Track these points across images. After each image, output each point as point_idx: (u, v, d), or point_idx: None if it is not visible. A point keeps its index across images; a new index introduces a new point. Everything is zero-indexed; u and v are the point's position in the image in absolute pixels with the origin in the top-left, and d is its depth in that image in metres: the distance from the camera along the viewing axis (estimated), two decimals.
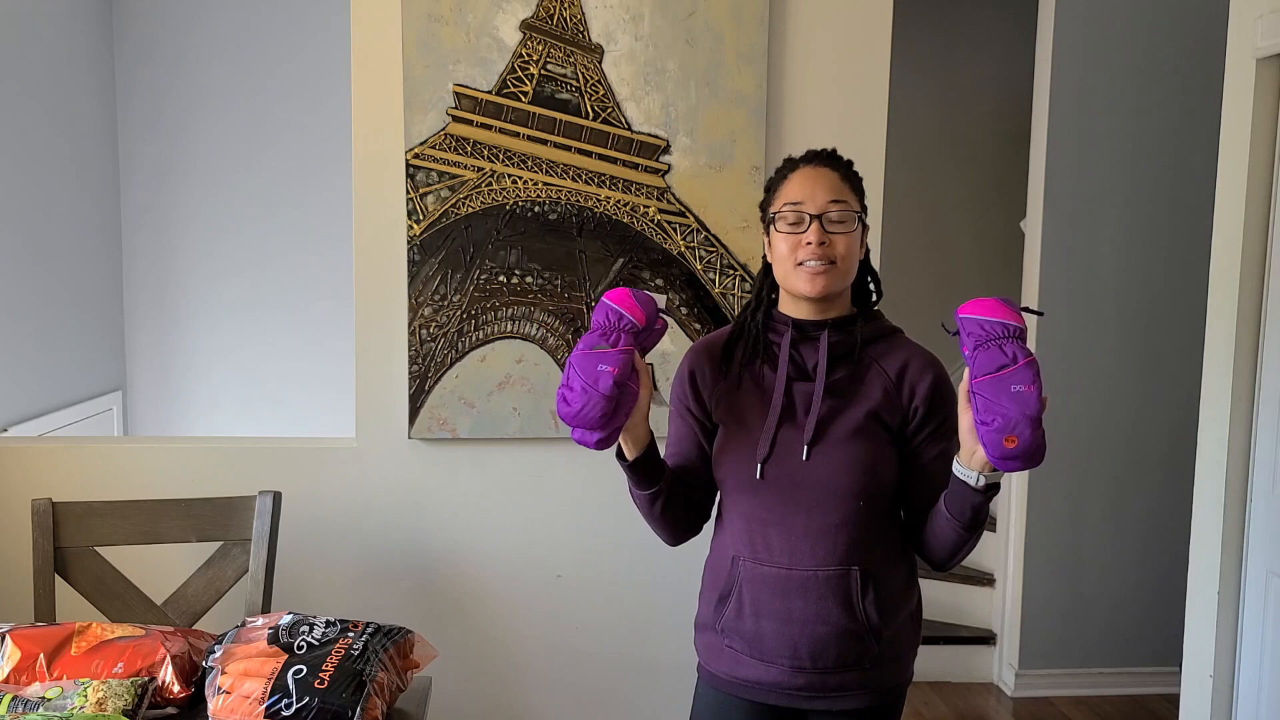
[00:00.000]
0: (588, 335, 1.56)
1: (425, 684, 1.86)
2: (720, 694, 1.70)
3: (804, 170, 1.65)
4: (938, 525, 1.60)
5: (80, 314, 4.00)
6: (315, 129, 4.16)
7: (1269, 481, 2.42)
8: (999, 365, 1.44)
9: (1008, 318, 1.47)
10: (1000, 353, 1.45)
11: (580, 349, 1.55)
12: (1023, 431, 1.43)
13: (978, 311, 1.48)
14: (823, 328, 1.64)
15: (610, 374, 1.51)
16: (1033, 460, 1.45)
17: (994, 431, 1.44)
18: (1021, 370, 1.43)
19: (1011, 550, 3.63)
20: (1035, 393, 1.42)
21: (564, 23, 2.42)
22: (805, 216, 1.59)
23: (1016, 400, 1.43)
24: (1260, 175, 2.42)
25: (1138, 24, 3.44)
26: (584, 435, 1.55)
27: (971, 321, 1.48)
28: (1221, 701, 2.53)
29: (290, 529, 2.37)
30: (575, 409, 1.52)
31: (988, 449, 1.45)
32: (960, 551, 1.62)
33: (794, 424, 1.61)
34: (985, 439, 1.45)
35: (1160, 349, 3.53)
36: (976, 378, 1.46)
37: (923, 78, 4.45)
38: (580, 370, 1.52)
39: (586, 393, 1.51)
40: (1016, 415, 1.42)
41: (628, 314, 1.56)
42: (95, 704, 1.59)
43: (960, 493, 1.54)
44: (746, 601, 1.63)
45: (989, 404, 1.44)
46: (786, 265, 1.62)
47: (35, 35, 3.66)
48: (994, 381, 1.44)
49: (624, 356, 1.53)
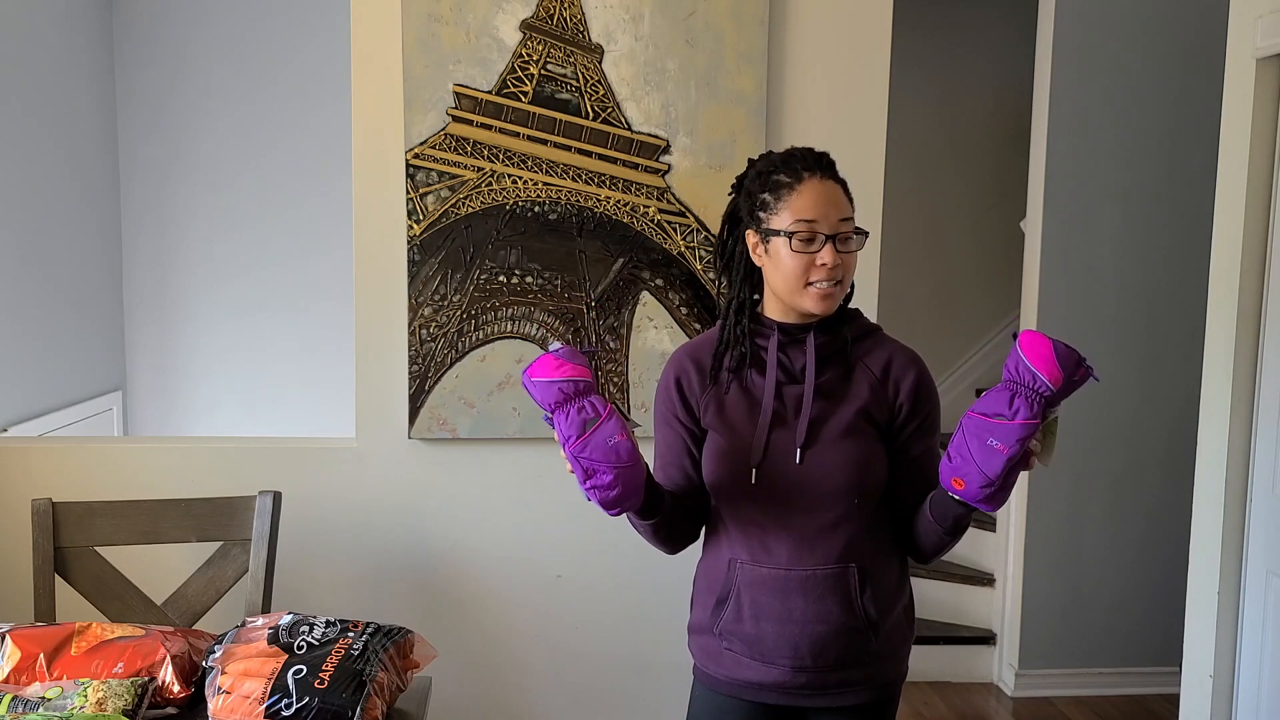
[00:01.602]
0: (565, 420, 1.47)
1: (425, 684, 1.86)
2: (719, 696, 1.69)
3: (813, 184, 1.60)
4: (921, 525, 1.62)
5: (80, 314, 4.00)
6: (315, 129, 4.17)
7: (1269, 481, 2.42)
8: (995, 412, 1.42)
9: (1044, 370, 1.41)
10: (1007, 401, 1.42)
11: (575, 438, 1.46)
12: (971, 484, 1.44)
13: (1026, 347, 1.44)
14: (808, 330, 1.63)
15: (622, 440, 1.47)
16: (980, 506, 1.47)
17: (949, 469, 1.46)
18: (1009, 428, 1.40)
19: (1011, 550, 3.63)
20: (1005, 455, 1.40)
21: (564, 23, 2.42)
22: (821, 236, 1.58)
23: (984, 453, 1.41)
24: (1260, 175, 2.42)
25: (1137, 24, 3.44)
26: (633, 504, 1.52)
27: (1015, 355, 1.45)
28: (1221, 701, 2.53)
29: (290, 529, 2.37)
30: (619, 493, 1.48)
31: (940, 475, 1.48)
32: (942, 550, 1.65)
33: (785, 427, 1.60)
34: (941, 469, 1.48)
35: (1160, 349, 3.53)
36: (972, 410, 1.45)
37: (923, 78, 4.45)
38: (597, 457, 1.46)
39: (620, 473, 1.47)
40: (974, 467, 1.42)
41: (579, 377, 1.49)
42: (95, 704, 1.60)
43: (943, 500, 1.55)
44: (745, 604, 1.63)
45: (960, 441, 1.44)
46: (795, 284, 1.59)
47: (35, 35, 3.66)
48: (979, 424, 1.43)
49: (618, 417, 1.48)
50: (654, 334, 2.50)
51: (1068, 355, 1.42)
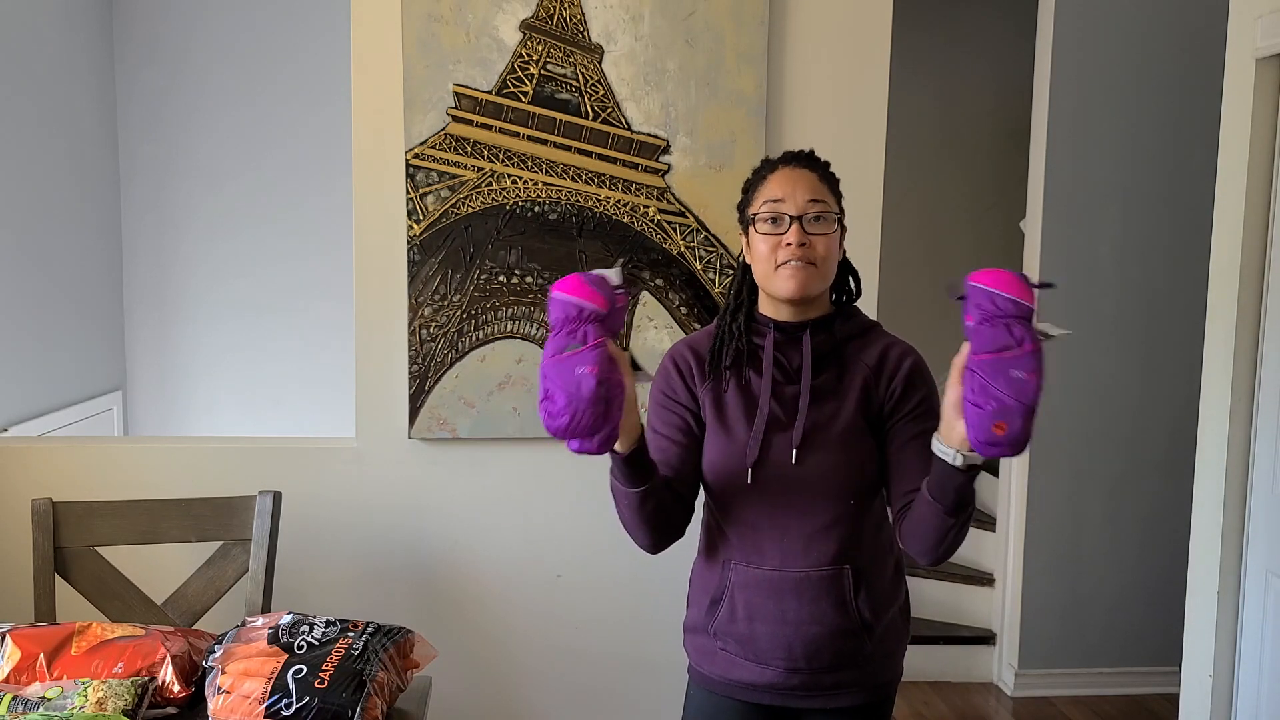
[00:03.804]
0: (553, 337, 1.43)
1: (425, 684, 1.86)
2: (713, 695, 1.69)
3: (783, 171, 1.63)
4: (920, 512, 1.52)
5: (80, 314, 4.00)
6: (315, 129, 4.17)
7: (1269, 481, 2.42)
8: (1003, 345, 1.36)
9: (1021, 295, 1.38)
10: (1006, 332, 1.37)
11: (550, 354, 1.42)
12: (1014, 420, 1.35)
13: (990, 283, 1.39)
14: (804, 329, 1.63)
15: (591, 374, 1.40)
16: (1016, 449, 1.38)
17: (986, 415, 1.37)
18: (1026, 356, 1.35)
19: (1011, 550, 3.63)
20: (1035, 382, 1.35)
21: (564, 23, 2.42)
22: (785, 217, 1.58)
23: (1014, 386, 1.35)
24: (1260, 175, 2.42)
25: (1137, 23, 3.44)
26: (582, 444, 1.44)
27: (981, 292, 1.40)
28: (1221, 701, 2.53)
29: (290, 529, 2.37)
30: (564, 422, 1.41)
31: (973, 431, 1.37)
32: (946, 540, 1.52)
33: (781, 427, 1.60)
34: (973, 420, 1.37)
35: (1160, 349, 3.53)
36: (977, 354, 1.38)
37: (923, 78, 4.45)
38: (558, 379, 1.41)
39: (572, 402, 1.40)
40: (1011, 402, 1.35)
41: (588, 303, 1.42)
42: (95, 704, 1.60)
43: (941, 472, 1.47)
44: (739, 604, 1.62)
45: (984, 385, 1.36)
46: (766, 266, 1.60)
47: (35, 35, 3.66)
48: (994, 362, 1.36)
49: (599, 352, 1.41)
50: (654, 334, 2.50)
51: (1025, 278, 1.41)
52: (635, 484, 1.56)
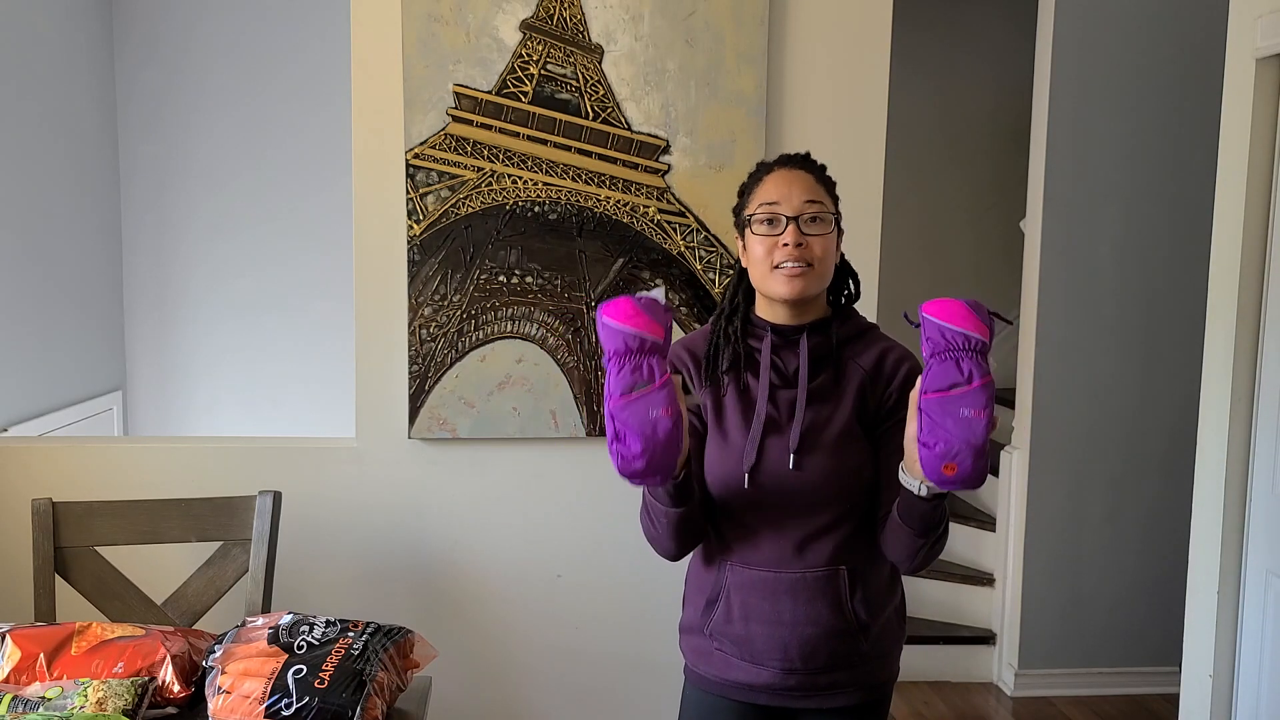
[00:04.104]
0: (617, 373, 1.39)
1: (425, 684, 1.86)
2: (709, 696, 1.69)
3: (779, 173, 1.62)
4: (892, 529, 1.55)
5: (80, 314, 4.00)
6: (315, 129, 4.17)
7: (1269, 481, 2.42)
8: (951, 383, 1.36)
9: (970, 327, 1.36)
10: (956, 369, 1.36)
11: (618, 395, 1.39)
12: (963, 460, 1.35)
13: (940, 315, 1.38)
14: (801, 331, 1.62)
15: (666, 417, 1.38)
16: (971, 485, 1.39)
17: (935, 456, 1.37)
18: (974, 393, 1.35)
19: (1011, 550, 3.63)
20: (984, 419, 1.34)
21: (564, 23, 2.42)
22: (781, 218, 1.57)
23: (962, 426, 1.34)
24: (1260, 175, 2.42)
25: (1137, 24, 3.44)
26: (654, 481, 1.44)
27: (933, 325, 1.39)
28: (1221, 701, 2.53)
29: (290, 529, 2.37)
30: (640, 466, 1.39)
31: (925, 470, 1.38)
32: (918, 556, 1.55)
33: (779, 431, 1.59)
34: (924, 460, 1.38)
35: (1160, 349, 3.54)
36: (926, 393, 1.38)
37: (923, 78, 4.45)
38: (632, 422, 1.38)
39: (649, 447, 1.38)
40: (959, 443, 1.35)
41: (648, 334, 1.40)
42: (95, 704, 1.60)
43: (906, 499, 1.49)
44: (735, 605, 1.62)
45: (933, 425, 1.36)
46: (763, 268, 1.59)
47: (35, 35, 3.66)
48: (942, 402, 1.36)
49: (669, 391, 1.39)
50: None
51: (978, 307, 1.39)
52: (679, 504, 1.55)
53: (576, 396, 2.48)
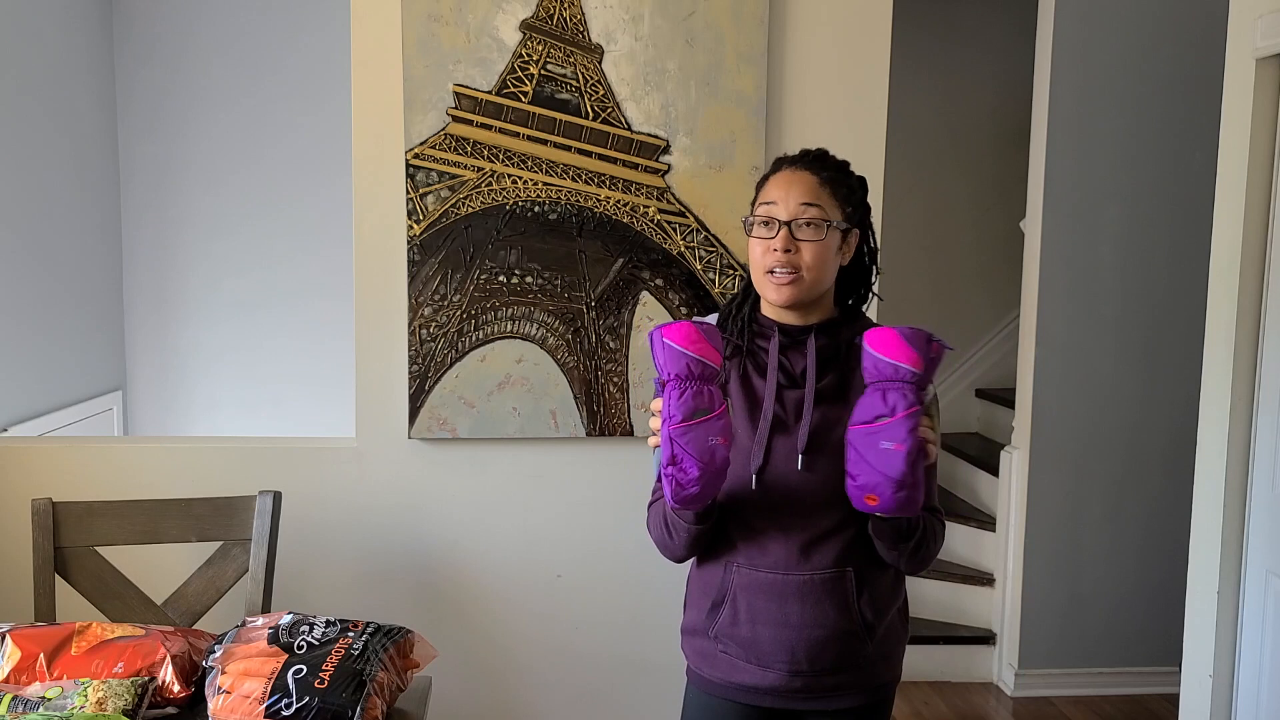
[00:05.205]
0: (679, 398, 1.40)
1: (425, 684, 1.86)
2: (713, 698, 1.68)
3: (784, 172, 1.61)
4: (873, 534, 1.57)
5: (80, 314, 4.00)
6: (315, 129, 4.17)
7: (1269, 481, 2.42)
8: (875, 415, 1.38)
9: (900, 358, 1.38)
10: (881, 400, 1.39)
11: (679, 421, 1.39)
12: (883, 492, 1.38)
13: (875, 344, 1.40)
14: (808, 332, 1.61)
15: (724, 445, 1.40)
16: (902, 514, 1.41)
17: (856, 488, 1.40)
18: (894, 426, 1.36)
19: (1011, 550, 3.63)
20: (904, 452, 1.36)
21: (564, 23, 2.42)
22: (775, 221, 1.57)
23: (881, 459, 1.36)
24: (1260, 175, 2.42)
25: (1138, 23, 3.44)
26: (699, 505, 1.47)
27: (868, 355, 1.41)
28: (1221, 701, 2.53)
29: (290, 529, 2.37)
30: (696, 492, 1.42)
31: (852, 500, 1.42)
32: (901, 560, 1.58)
33: (786, 432, 1.58)
34: (849, 491, 1.41)
35: (1160, 349, 3.54)
36: (852, 424, 1.40)
37: (923, 78, 4.45)
38: (692, 449, 1.39)
39: (705, 473, 1.40)
40: (878, 476, 1.37)
41: (710, 362, 1.42)
42: (95, 704, 1.60)
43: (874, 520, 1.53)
44: (742, 608, 1.61)
45: (857, 457, 1.39)
46: (758, 271, 1.59)
47: (35, 35, 3.66)
48: (864, 434, 1.38)
49: (727, 421, 1.41)
50: None
51: (915, 336, 1.40)
52: (704, 520, 1.57)
53: (576, 396, 2.48)
